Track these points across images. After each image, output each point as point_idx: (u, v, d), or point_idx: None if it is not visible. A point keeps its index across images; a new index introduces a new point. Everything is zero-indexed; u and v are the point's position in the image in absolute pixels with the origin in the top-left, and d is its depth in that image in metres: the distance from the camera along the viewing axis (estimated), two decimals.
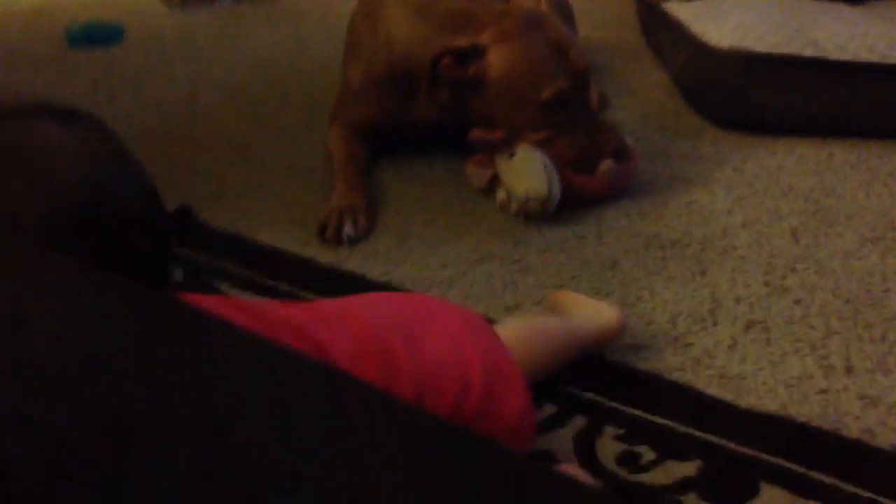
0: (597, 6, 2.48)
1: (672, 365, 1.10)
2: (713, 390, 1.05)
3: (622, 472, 0.93)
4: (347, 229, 1.38)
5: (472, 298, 1.25)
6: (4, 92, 1.91)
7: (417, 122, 1.60)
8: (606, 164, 1.45)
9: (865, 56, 1.67)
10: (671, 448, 0.97)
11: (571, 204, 1.45)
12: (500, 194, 1.48)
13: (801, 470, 0.93)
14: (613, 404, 1.03)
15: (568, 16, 1.93)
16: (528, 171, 1.41)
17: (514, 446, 0.79)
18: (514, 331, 0.99)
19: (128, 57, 2.17)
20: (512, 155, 1.45)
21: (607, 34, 2.29)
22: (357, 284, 1.28)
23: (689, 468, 0.94)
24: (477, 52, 1.45)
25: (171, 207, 1.44)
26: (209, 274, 1.30)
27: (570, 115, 1.46)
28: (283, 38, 2.34)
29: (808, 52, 1.68)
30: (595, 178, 1.46)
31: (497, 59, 1.45)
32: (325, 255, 1.35)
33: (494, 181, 1.49)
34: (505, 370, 0.84)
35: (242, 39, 2.33)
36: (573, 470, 0.91)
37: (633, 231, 1.42)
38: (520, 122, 1.46)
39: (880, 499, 0.90)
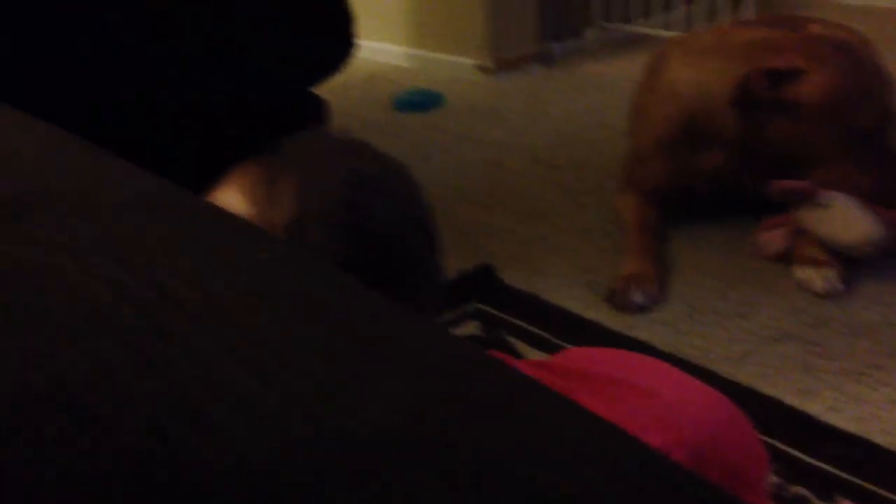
0: None
1: None
2: None
3: None
4: (636, 297, 1.41)
5: (762, 378, 1.21)
6: None
7: (705, 177, 1.59)
8: None
9: None
10: None
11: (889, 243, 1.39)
12: (799, 272, 1.42)
13: None
14: None
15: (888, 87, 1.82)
16: (850, 216, 1.36)
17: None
18: None
19: (445, 121, 2.38)
20: (820, 205, 1.40)
21: None
22: (643, 353, 1.29)
23: None
24: (795, 75, 1.42)
25: (473, 266, 1.56)
26: (504, 330, 1.39)
27: (874, 148, 1.41)
28: (585, 105, 2.43)
29: None
30: None
31: (817, 83, 1.41)
32: (613, 321, 1.38)
33: (790, 241, 1.44)
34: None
35: (547, 105, 2.45)
36: None
37: None
38: (830, 151, 1.42)
39: None
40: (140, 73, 1.14)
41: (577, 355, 0.96)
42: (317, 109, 1.50)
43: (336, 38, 1.39)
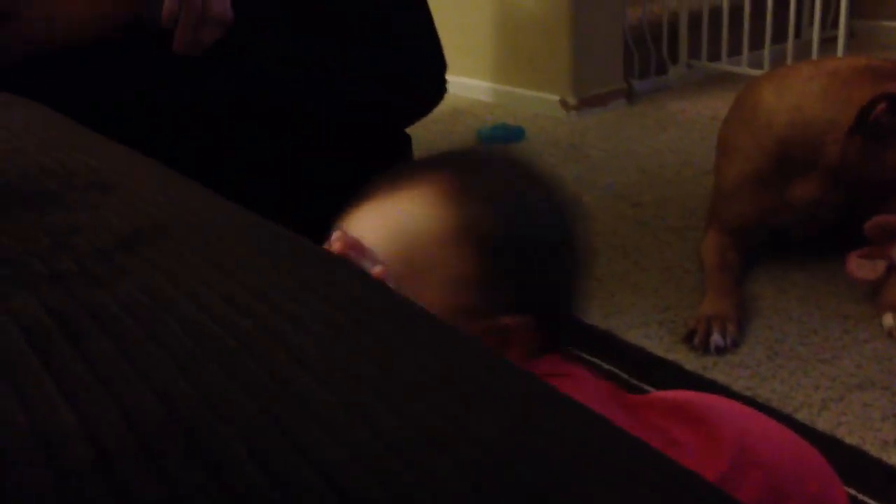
0: None
1: None
2: None
3: None
4: (716, 338, 1.40)
5: (844, 426, 1.19)
6: None
7: (797, 211, 1.57)
8: None
9: None
10: None
11: None
12: (888, 319, 1.39)
13: None
14: None
15: None
16: None
17: None
18: None
19: (526, 156, 2.40)
20: None
21: None
22: (721, 396, 1.28)
23: None
24: None
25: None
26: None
27: None
28: (668, 143, 2.42)
29: None
30: None
31: None
32: (690, 362, 1.37)
33: (882, 273, 1.40)
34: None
35: (630, 142, 2.45)
36: None
37: None
38: None
39: None
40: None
41: (663, 393, 0.97)
42: (401, 144, 1.54)
43: (429, 84, 1.43)
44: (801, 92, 1.53)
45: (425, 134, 2.77)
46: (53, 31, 1.02)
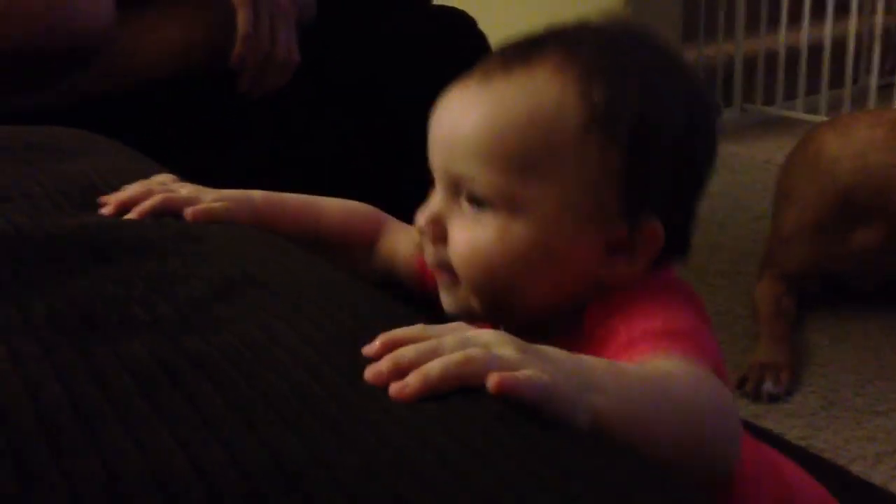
0: None
1: None
2: None
3: None
4: (768, 386, 1.38)
5: None
6: None
7: (856, 260, 1.55)
8: None
9: None
10: None
11: None
12: None
13: None
14: None
15: None
16: None
17: None
18: None
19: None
20: None
21: None
22: (772, 444, 1.27)
23: None
24: None
25: None
26: None
27: None
28: (720, 186, 2.42)
29: None
30: None
31: None
32: (741, 409, 1.37)
33: None
34: None
35: None
36: None
37: None
38: None
39: None
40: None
41: None
42: None
43: None
44: (865, 139, 1.52)
45: None
46: (136, 66, 1.05)
